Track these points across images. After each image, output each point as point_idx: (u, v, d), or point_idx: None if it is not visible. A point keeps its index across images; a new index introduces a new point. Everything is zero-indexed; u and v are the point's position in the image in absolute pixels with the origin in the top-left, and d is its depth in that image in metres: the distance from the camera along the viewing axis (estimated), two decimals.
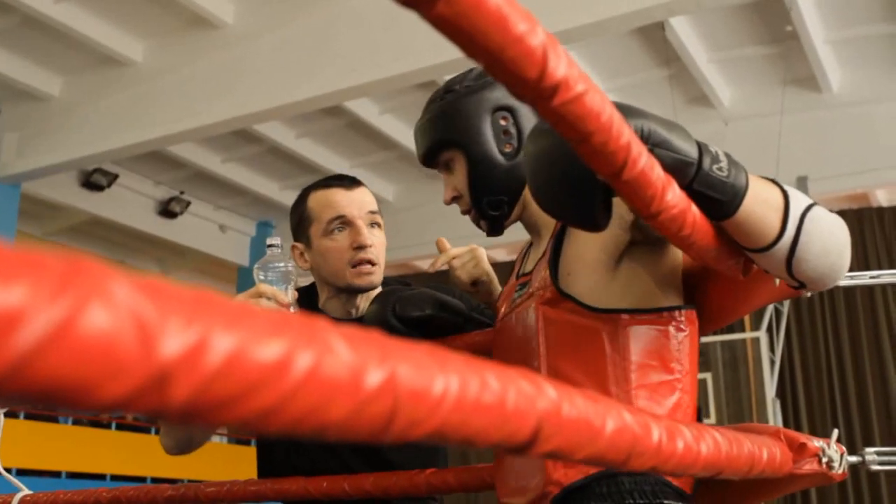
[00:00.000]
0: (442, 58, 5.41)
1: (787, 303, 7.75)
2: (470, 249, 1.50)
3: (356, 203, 1.63)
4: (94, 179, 8.62)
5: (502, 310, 1.30)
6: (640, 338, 1.12)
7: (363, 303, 1.66)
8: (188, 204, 9.56)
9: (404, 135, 8.32)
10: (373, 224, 1.64)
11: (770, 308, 7.59)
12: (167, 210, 9.46)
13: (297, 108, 6.54)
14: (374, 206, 1.66)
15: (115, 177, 8.75)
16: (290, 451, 1.62)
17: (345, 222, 1.62)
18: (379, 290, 1.63)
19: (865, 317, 8.23)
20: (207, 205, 10.00)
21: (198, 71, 6.81)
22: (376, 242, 1.63)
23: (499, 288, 1.48)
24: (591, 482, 1.08)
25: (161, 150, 7.90)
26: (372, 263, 1.61)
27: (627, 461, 0.59)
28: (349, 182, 1.67)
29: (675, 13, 5.74)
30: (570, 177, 0.90)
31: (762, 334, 7.40)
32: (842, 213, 8.04)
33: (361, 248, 1.59)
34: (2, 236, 7.73)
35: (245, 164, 9.13)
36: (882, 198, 8.44)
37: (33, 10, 6.39)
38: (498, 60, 0.56)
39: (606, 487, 1.08)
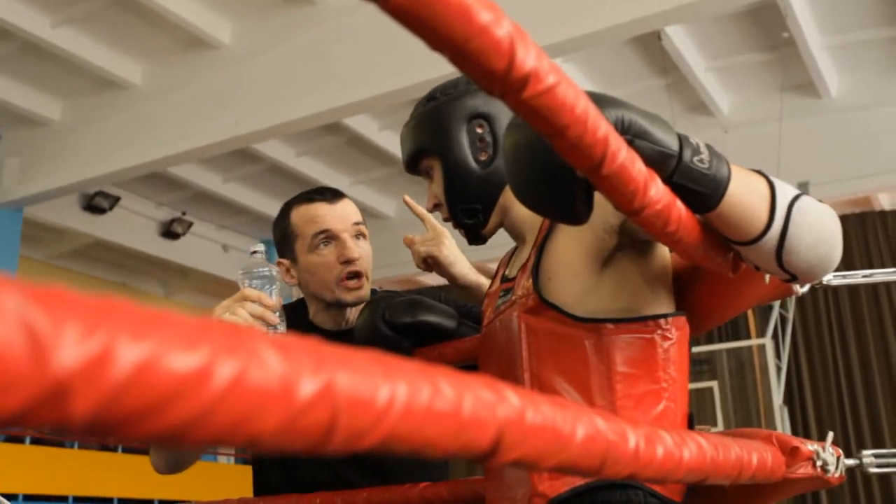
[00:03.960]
0: (436, 73, 5.39)
1: (791, 308, 7.72)
2: (433, 230, 1.54)
3: (340, 216, 1.61)
4: (96, 202, 8.64)
5: (488, 316, 1.29)
6: (624, 347, 1.10)
7: (353, 314, 1.64)
8: (190, 224, 9.57)
9: None
10: (358, 235, 1.63)
11: (775, 314, 7.56)
12: (170, 231, 9.47)
13: (295, 126, 6.55)
14: (359, 217, 1.65)
15: (117, 199, 8.76)
16: (283, 465, 1.60)
17: (330, 236, 1.60)
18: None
19: (871, 319, 8.19)
20: (210, 225, 10.01)
21: (196, 91, 6.83)
22: (363, 254, 1.61)
23: (464, 278, 1.50)
24: (576, 495, 1.07)
25: (162, 171, 7.91)
26: (360, 276, 1.60)
27: (602, 468, 0.58)
28: (331, 195, 1.65)
29: (671, 22, 5.74)
30: (548, 169, 0.88)
31: (768, 341, 7.36)
32: (845, 218, 8.06)
33: (349, 261, 1.58)
34: (4, 261, 7.74)
35: (246, 183, 9.14)
36: (885, 201, 8.42)
37: (32, 36, 6.42)
38: (462, 52, 0.54)
39: (588, 498, 1.06)
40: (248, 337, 0.31)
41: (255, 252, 1.40)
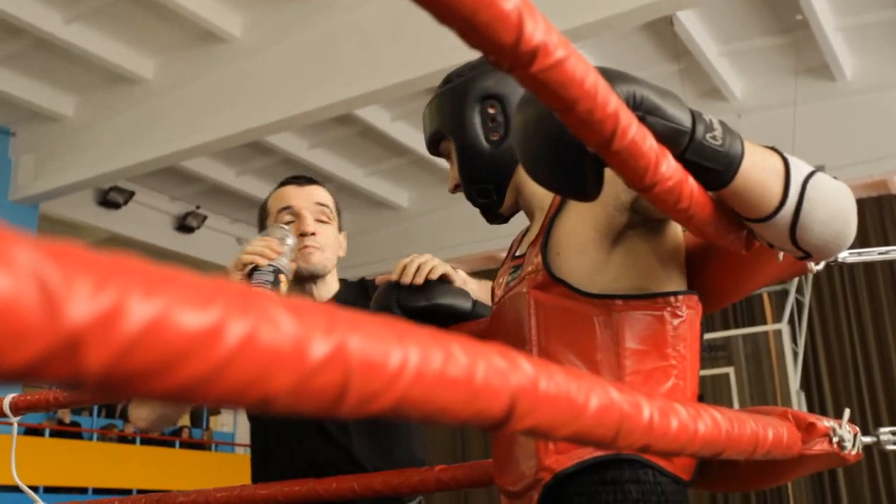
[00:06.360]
0: (446, 63, 5.35)
1: (808, 293, 7.69)
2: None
3: (304, 196, 1.74)
4: (111, 197, 8.68)
5: (497, 294, 1.29)
6: (633, 324, 1.09)
7: (318, 292, 1.74)
8: (204, 218, 9.61)
9: (417, 140, 8.31)
10: (320, 218, 1.73)
11: (791, 299, 7.52)
12: (184, 225, 9.51)
13: (306, 118, 6.56)
14: (324, 201, 1.75)
15: (132, 194, 8.80)
16: (268, 440, 1.69)
17: (292, 213, 1.71)
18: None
19: (889, 303, 8.14)
20: (224, 218, 10.04)
21: (208, 85, 6.85)
22: (320, 232, 1.71)
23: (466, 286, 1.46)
24: (582, 469, 1.07)
25: (176, 165, 7.94)
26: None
27: (616, 439, 0.58)
28: (303, 180, 1.79)
29: (682, 6, 5.71)
30: (558, 145, 0.87)
31: (784, 326, 7.33)
32: (861, 201, 8.00)
33: (303, 235, 1.68)
34: None
35: (260, 176, 9.16)
36: None
37: (44, 32, 6.45)
38: (470, 25, 0.54)
39: (597, 475, 1.06)
40: (259, 298, 0.31)
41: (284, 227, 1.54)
